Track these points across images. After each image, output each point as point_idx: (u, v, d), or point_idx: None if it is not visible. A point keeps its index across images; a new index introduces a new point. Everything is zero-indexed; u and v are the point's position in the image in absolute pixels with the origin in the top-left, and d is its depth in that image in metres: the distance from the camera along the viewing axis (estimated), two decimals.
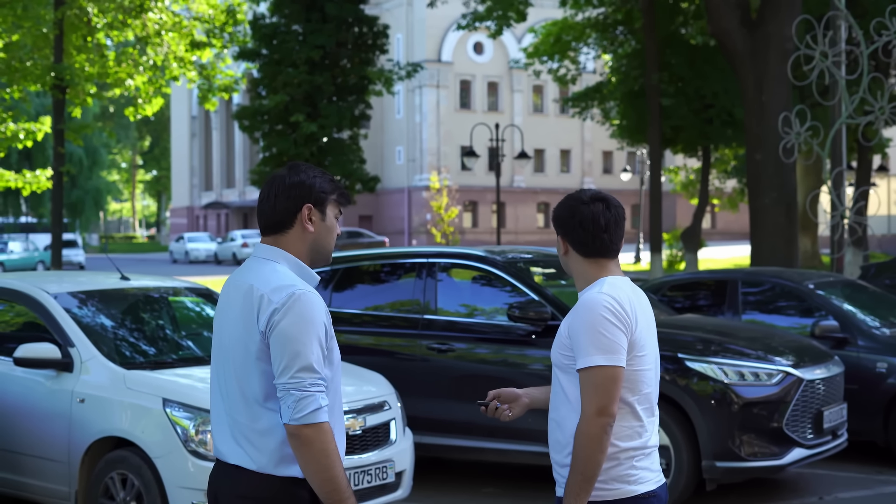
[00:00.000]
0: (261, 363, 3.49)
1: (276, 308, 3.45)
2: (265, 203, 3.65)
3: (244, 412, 3.53)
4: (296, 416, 3.41)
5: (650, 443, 3.79)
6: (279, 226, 3.63)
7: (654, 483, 3.78)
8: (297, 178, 3.63)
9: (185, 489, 6.84)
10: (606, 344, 3.64)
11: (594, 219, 3.79)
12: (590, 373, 3.64)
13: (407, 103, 74.74)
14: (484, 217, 74.89)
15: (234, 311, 3.57)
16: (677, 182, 49.73)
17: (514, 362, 8.95)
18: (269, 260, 3.62)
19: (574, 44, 34.43)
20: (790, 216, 18.24)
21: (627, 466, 3.74)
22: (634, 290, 3.83)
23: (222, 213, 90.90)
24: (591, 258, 3.82)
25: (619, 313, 3.67)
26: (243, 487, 3.53)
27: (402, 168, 74.85)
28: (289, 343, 3.43)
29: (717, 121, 31.32)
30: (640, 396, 3.75)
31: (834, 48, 15.71)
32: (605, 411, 3.62)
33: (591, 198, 3.83)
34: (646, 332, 3.76)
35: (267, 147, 29.74)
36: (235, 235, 62.76)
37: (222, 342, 3.63)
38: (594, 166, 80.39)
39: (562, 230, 3.85)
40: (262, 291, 3.50)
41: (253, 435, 3.52)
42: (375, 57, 30.29)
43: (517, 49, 64.22)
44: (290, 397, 3.43)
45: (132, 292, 8.71)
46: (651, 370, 3.78)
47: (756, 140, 18.10)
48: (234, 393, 3.56)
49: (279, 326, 3.44)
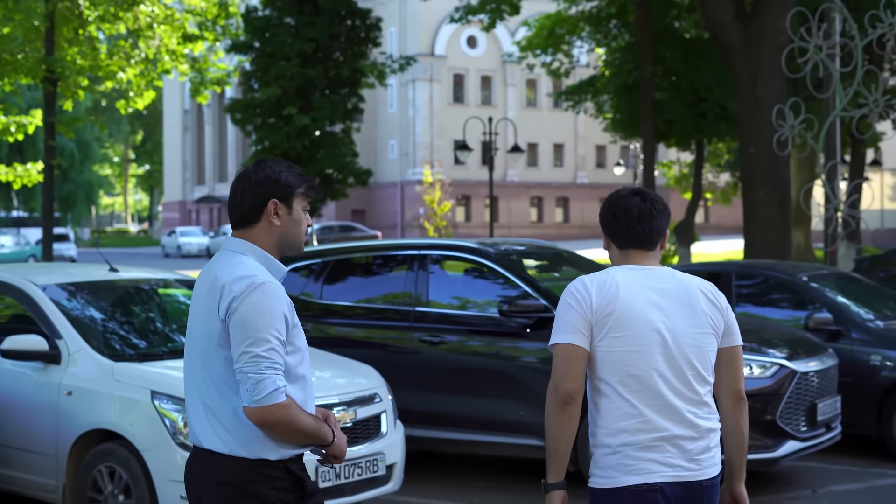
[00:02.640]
0: (222, 349, 3.63)
1: (235, 296, 3.58)
2: (234, 198, 3.78)
3: (214, 397, 3.65)
4: (255, 399, 3.52)
5: (657, 432, 3.73)
6: (247, 220, 3.77)
7: (660, 476, 3.70)
8: (263, 173, 3.75)
9: (173, 482, 6.77)
10: (560, 324, 3.80)
11: (628, 210, 3.88)
12: (552, 351, 3.84)
13: (400, 97, 74.67)
14: (477, 211, 74.83)
15: (200, 301, 3.71)
16: (670, 176, 49.68)
17: (506, 355, 8.90)
18: (237, 252, 3.74)
19: (567, 37, 34.34)
20: (784, 210, 18.18)
21: (623, 455, 3.74)
22: (645, 276, 3.84)
23: (214, 207, 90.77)
24: (624, 249, 3.91)
25: (579, 296, 3.78)
26: (217, 472, 3.64)
27: (395, 162, 74.78)
28: (245, 329, 3.55)
29: (711, 114, 31.26)
30: (624, 378, 3.75)
31: (828, 41, 15.67)
32: (557, 386, 3.75)
33: (630, 192, 3.95)
34: (630, 312, 3.75)
35: (259, 140, 29.66)
36: (227, 229, 62.65)
37: (192, 331, 3.76)
38: (587, 160, 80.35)
39: (602, 224, 3.96)
40: (224, 281, 3.63)
41: (224, 418, 3.63)
42: (368, 50, 30.19)
43: (511, 43, 64.19)
44: (247, 381, 3.54)
45: (121, 284, 8.64)
46: (639, 352, 3.75)
47: (750, 133, 18.03)
48: (204, 379, 3.67)
49: (237, 313, 3.57)
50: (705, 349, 3.83)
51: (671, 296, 3.82)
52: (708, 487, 3.76)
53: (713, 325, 3.85)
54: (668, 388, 3.76)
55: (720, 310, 3.89)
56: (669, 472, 3.71)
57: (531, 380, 8.71)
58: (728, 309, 3.92)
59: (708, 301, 3.86)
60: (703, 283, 3.92)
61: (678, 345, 3.78)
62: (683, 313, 3.81)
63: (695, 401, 3.79)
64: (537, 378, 8.69)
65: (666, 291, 3.83)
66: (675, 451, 3.73)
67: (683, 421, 3.75)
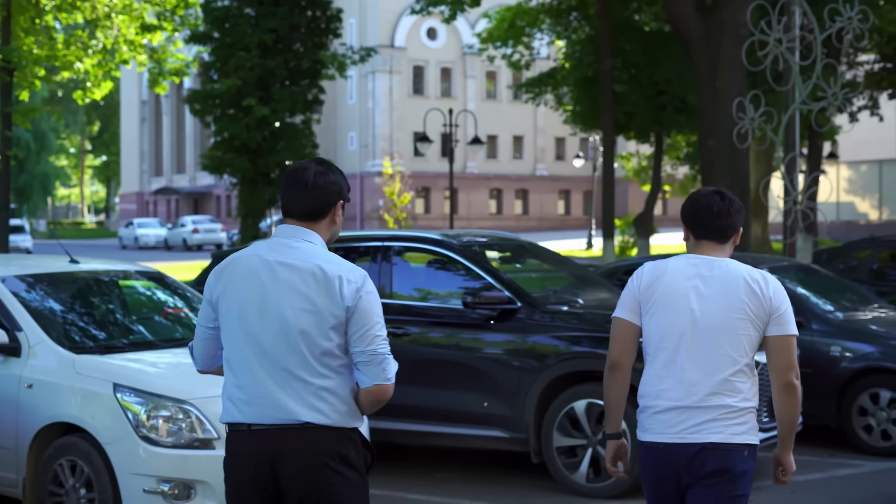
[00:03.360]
0: (335, 334, 3.98)
1: (358, 286, 3.98)
2: (306, 191, 4.08)
3: (320, 375, 3.97)
4: (387, 377, 4.00)
5: (670, 401, 4.29)
6: (317, 214, 4.11)
7: (665, 436, 4.29)
8: (336, 175, 4.14)
9: (136, 475, 6.72)
10: (619, 301, 4.49)
11: (708, 207, 4.39)
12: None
13: (360, 89, 74.46)
14: (436, 203, 74.81)
15: (303, 287, 3.99)
16: (629, 168, 49.90)
17: (470, 347, 8.88)
18: (315, 244, 4.09)
19: (528, 29, 34.38)
20: (743, 202, 18.25)
21: (645, 416, 4.40)
22: (696, 265, 4.37)
23: (172, 198, 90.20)
24: (700, 240, 4.43)
25: (635, 278, 4.44)
26: (315, 442, 3.94)
27: (355, 154, 74.59)
28: (372, 315, 3.99)
29: (670, 107, 31.41)
30: (657, 350, 4.36)
31: (788, 34, 15.75)
32: (608, 354, 4.47)
33: (711, 192, 4.47)
34: (668, 293, 4.32)
35: (219, 131, 29.42)
36: (186, 221, 62.35)
37: (286, 315, 3.98)
38: (547, 152, 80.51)
39: (683, 218, 4.48)
40: (339, 272, 3.99)
41: (326, 395, 3.97)
42: (329, 41, 30.03)
43: (471, 35, 64.12)
44: (381, 361, 3.99)
45: (81, 276, 8.53)
46: (670, 329, 4.31)
47: (709, 126, 18.09)
48: (306, 359, 3.97)
49: (363, 301, 3.97)
50: (737, 332, 4.28)
51: (714, 283, 4.31)
52: (710, 449, 4.25)
53: (751, 312, 4.28)
54: (691, 362, 4.29)
55: (762, 299, 4.29)
56: (672, 432, 4.28)
57: (495, 371, 8.71)
58: (775, 299, 4.31)
59: (750, 290, 4.28)
60: (752, 274, 4.34)
61: (708, 326, 4.28)
62: (721, 299, 4.28)
63: (718, 378, 4.27)
64: (501, 370, 8.68)
65: (710, 279, 4.32)
66: (682, 417, 4.27)
67: (699, 393, 4.28)
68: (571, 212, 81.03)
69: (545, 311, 8.74)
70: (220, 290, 4.12)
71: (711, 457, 4.24)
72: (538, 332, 8.61)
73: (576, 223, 76.66)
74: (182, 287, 8.95)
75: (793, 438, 4.44)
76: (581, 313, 8.87)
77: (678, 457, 4.26)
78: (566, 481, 8.45)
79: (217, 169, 29.55)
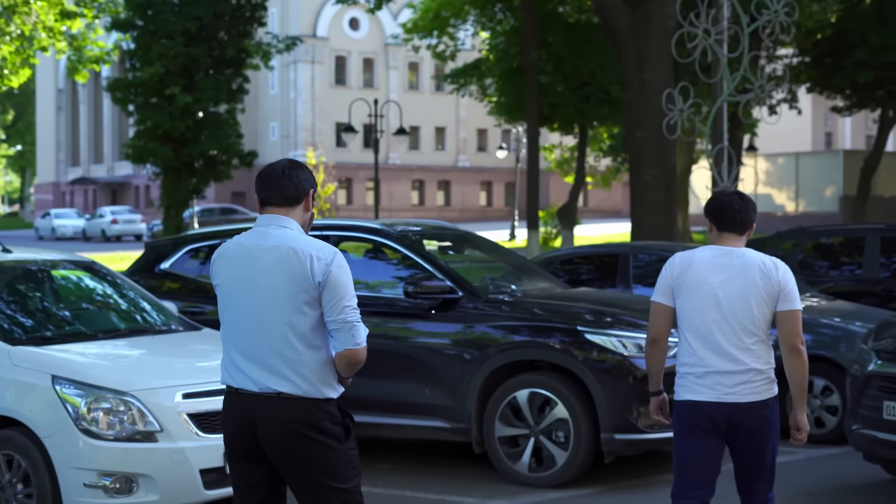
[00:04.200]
0: (309, 308, 4.44)
1: (327, 262, 4.43)
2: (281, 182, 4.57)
3: (295, 349, 4.45)
4: (358, 342, 4.44)
5: (706, 367, 5.30)
6: (292, 200, 4.58)
7: (702, 395, 5.32)
8: (305, 168, 4.67)
9: (76, 469, 6.57)
10: (656, 287, 5.50)
11: (731, 204, 5.41)
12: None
13: (281, 79, 73.91)
14: (358, 194, 74.61)
15: (278, 268, 4.46)
16: (552, 160, 50.15)
17: (410, 336, 8.81)
18: (288, 228, 4.55)
19: (453, 20, 34.37)
20: (670, 193, 18.39)
21: (685, 381, 5.38)
22: (719, 255, 5.35)
23: (90, 188, 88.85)
24: (722, 232, 5.42)
25: (668, 266, 5.45)
26: (289, 410, 4.44)
27: (277, 144, 74.01)
28: (341, 287, 4.44)
29: (594, 99, 31.61)
30: (690, 328, 5.36)
31: (716, 26, 15.89)
32: (648, 332, 5.55)
33: (732, 193, 5.51)
34: (696, 281, 5.31)
35: (141, 121, 29.01)
36: (105, 212, 61.45)
37: (265, 295, 4.47)
38: (469, 144, 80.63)
39: (709, 214, 5.46)
40: (309, 251, 4.45)
41: (300, 366, 4.44)
42: (253, 30, 29.77)
43: (393, 25, 63.96)
44: (350, 328, 4.43)
45: (9, 265, 8.30)
46: (699, 310, 5.30)
47: (637, 117, 18.18)
48: (284, 335, 4.44)
49: (331, 276, 4.42)
50: (753, 310, 5.30)
51: (733, 270, 5.32)
52: (743, 408, 5.28)
53: (764, 293, 5.30)
54: (721, 336, 5.31)
55: (772, 282, 5.30)
56: (712, 394, 5.30)
57: (436, 361, 8.66)
58: (783, 281, 5.31)
59: (763, 274, 5.30)
60: (764, 261, 5.34)
61: (730, 306, 5.29)
62: (739, 283, 5.29)
63: (741, 347, 5.30)
64: (442, 359, 8.64)
65: (730, 267, 5.32)
66: (719, 380, 5.29)
67: (730, 360, 5.29)
68: (493, 203, 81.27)
69: (486, 301, 8.72)
70: (215, 279, 4.66)
71: (746, 413, 5.29)
72: (480, 322, 8.57)
73: (497, 215, 76.90)
74: (113, 274, 8.77)
75: (805, 398, 5.34)
76: (522, 302, 8.86)
77: (718, 413, 5.30)
78: (508, 471, 8.43)
79: (140, 158, 29.15)
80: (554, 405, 8.26)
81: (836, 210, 44.82)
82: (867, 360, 7.81)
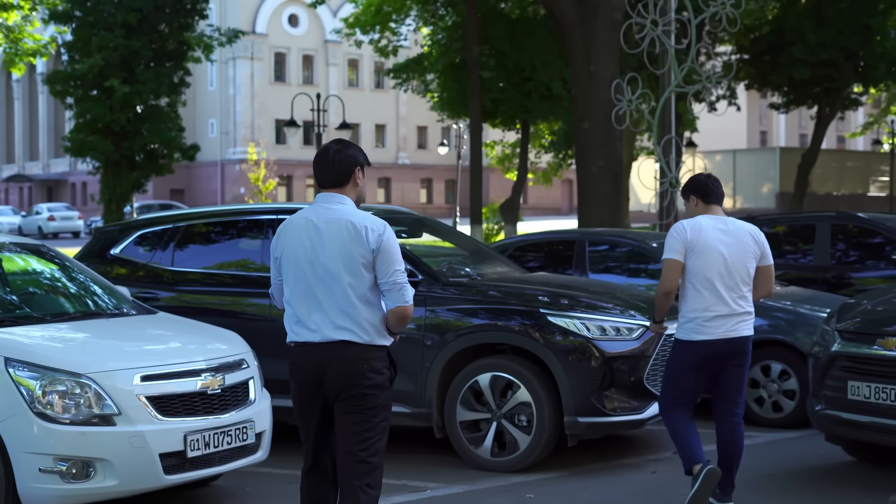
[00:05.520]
0: (366, 272, 5.28)
1: (380, 233, 5.27)
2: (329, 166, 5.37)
3: (354, 305, 5.27)
4: (407, 300, 5.30)
5: (714, 312, 6.79)
6: (340, 181, 5.38)
7: (712, 335, 6.80)
8: (350, 149, 5.43)
9: (31, 454, 6.35)
10: (668, 246, 6.85)
11: (712, 181, 7.01)
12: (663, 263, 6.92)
13: (220, 75, 73.27)
14: (298, 191, 74.20)
15: (339, 238, 5.26)
16: (493, 156, 50.14)
17: None
18: (344, 204, 5.36)
19: (395, 15, 34.24)
20: (617, 185, 18.38)
21: (696, 323, 6.85)
22: (717, 222, 6.88)
23: (25, 186, 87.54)
24: (709, 204, 6.98)
25: (681, 229, 6.83)
26: (351, 353, 5.29)
27: (216, 141, 73.38)
28: (393, 253, 5.29)
29: (535, 94, 31.63)
30: (701, 280, 6.80)
31: (664, 17, 15.92)
32: (663, 284, 6.88)
33: (707, 174, 7.10)
34: (707, 243, 6.76)
35: (80, 113, 28.53)
36: (41, 209, 60.65)
37: (329, 260, 5.26)
38: (409, 141, 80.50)
39: (692, 190, 6.99)
40: (365, 224, 5.28)
41: (360, 319, 5.29)
42: (195, 22, 29.40)
43: (333, 22, 63.60)
44: (401, 288, 5.29)
45: None
46: (708, 264, 6.77)
47: (584, 109, 18.11)
48: (345, 293, 5.26)
49: (384, 244, 5.26)
50: (748, 267, 6.90)
51: (731, 234, 6.86)
52: (740, 340, 6.85)
53: (754, 252, 6.91)
54: (723, 287, 6.84)
55: (758, 244, 6.93)
56: (719, 332, 6.81)
57: (395, 345, 8.50)
58: (764, 243, 6.94)
59: (752, 238, 6.91)
60: (751, 228, 6.92)
61: (732, 263, 6.83)
62: (737, 245, 6.85)
63: (739, 295, 6.86)
64: (402, 344, 8.37)
65: (728, 232, 6.86)
66: (723, 322, 6.81)
67: (731, 306, 6.82)
68: (433, 200, 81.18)
69: (446, 284, 8.60)
70: (280, 249, 5.41)
71: (743, 344, 6.87)
72: (440, 305, 8.46)
73: (438, 212, 76.82)
74: (62, 257, 8.54)
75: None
76: (483, 286, 8.76)
77: (725, 347, 6.82)
78: (470, 456, 8.33)
79: (79, 152, 28.69)
80: (516, 389, 8.17)
81: (773, 206, 45.30)
82: (830, 341, 7.79)
